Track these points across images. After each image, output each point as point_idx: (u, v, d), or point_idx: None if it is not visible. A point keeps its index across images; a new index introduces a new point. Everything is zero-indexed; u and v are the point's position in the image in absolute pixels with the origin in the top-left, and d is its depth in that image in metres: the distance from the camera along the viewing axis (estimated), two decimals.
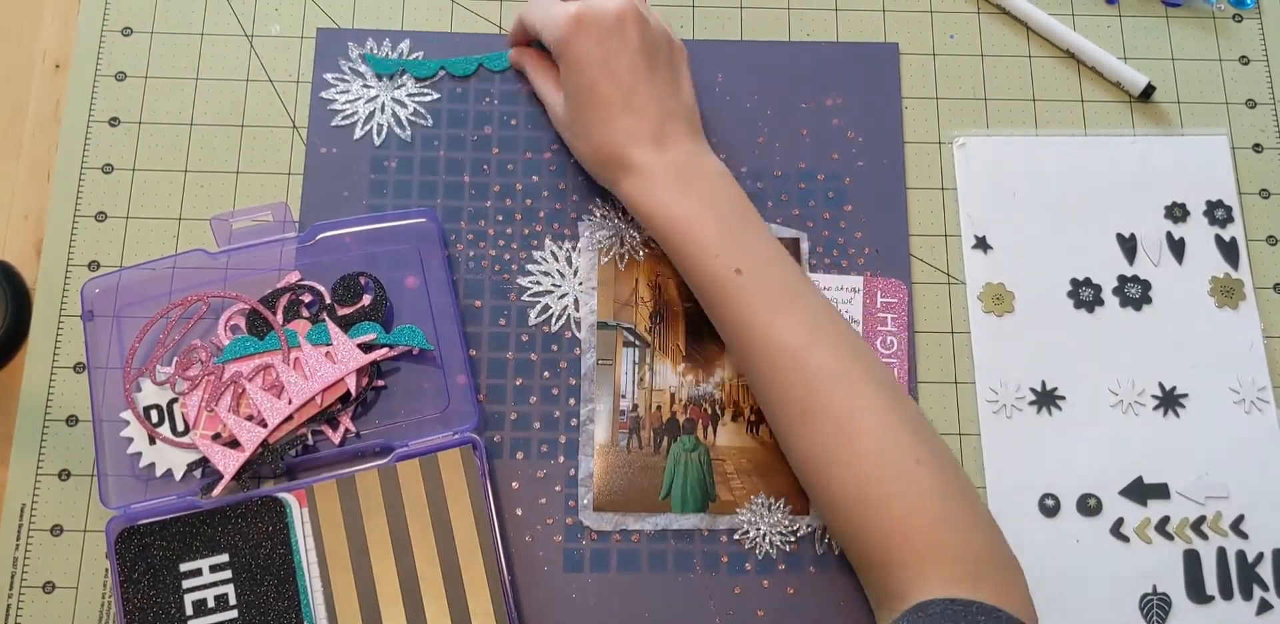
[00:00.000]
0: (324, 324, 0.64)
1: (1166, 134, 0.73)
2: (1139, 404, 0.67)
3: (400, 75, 0.71)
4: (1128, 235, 0.70)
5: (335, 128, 0.70)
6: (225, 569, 0.60)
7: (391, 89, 0.71)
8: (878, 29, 0.74)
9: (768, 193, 0.70)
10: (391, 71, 0.72)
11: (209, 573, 0.60)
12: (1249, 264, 0.70)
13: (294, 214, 0.68)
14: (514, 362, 0.67)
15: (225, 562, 0.60)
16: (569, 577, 0.63)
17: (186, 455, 0.63)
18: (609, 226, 0.69)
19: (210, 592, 0.60)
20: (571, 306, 0.68)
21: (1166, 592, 0.64)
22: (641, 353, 0.67)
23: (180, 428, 0.63)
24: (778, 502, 0.64)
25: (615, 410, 0.66)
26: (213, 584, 0.60)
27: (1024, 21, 0.74)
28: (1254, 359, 0.68)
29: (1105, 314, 0.69)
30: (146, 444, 0.63)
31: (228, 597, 0.60)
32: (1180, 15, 0.75)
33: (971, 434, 0.66)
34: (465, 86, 0.72)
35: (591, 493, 0.64)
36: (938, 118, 0.73)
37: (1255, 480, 0.66)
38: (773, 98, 0.72)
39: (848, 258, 0.69)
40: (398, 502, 0.62)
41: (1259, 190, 0.72)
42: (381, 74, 0.71)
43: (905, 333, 0.68)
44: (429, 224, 0.67)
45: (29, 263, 0.68)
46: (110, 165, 0.69)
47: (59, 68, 0.72)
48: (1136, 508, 0.65)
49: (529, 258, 0.69)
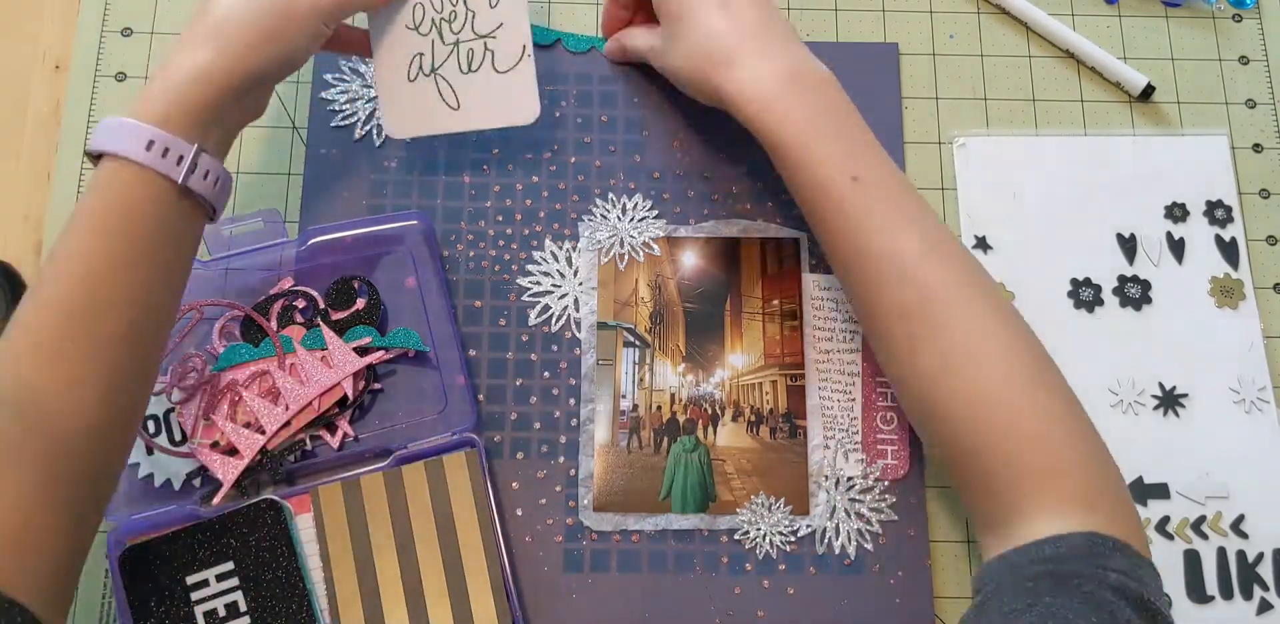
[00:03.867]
0: (319, 329, 0.64)
1: (1166, 134, 0.72)
2: (1139, 404, 0.67)
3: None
4: (1128, 235, 0.70)
5: (335, 128, 0.70)
6: (232, 577, 0.60)
7: None
8: (878, 29, 0.74)
9: (768, 193, 0.70)
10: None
11: (216, 582, 0.60)
12: (1249, 264, 0.70)
13: (294, 214, 0.68)
14: (514, 362, 0.67)
15: (231, 570, 0.60)
16: (569, 577, 0.63)
17: (185, 465, 0.63)
18: (609, 227, 0.69)
19: (220, 601, 0.60)
20: (571, 307, 0.68)
21: (1167, 592, 0.63)
22: (641, 353, 0.67)
23: (178, 437, 0.63)
24: (778, 502, 0.64)
25: (615, 411, 0.66)
26: (222, 593, 0.60)
27: (1024, 21, 0.74)
28: (1254, 359, 0.68)
29: (1105, 314, 0.69)
30: (144, 455, 0.63)
31: (238, 604, 0.60)
32: (1180, 15, 0.75)
33: None
34: None
35: (592, 493, 0.64)
36: (938, 118, 0.73)
37: (1255, 480, 0.66)
38: None
39: None
40: (402, 504, 0.62)
41: (1259, 190, 0.72)
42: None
43: None
44: (421, 225, 0.67)
45: (29, 263, 0.68)
46: None
47: (59, 68, 0.72)
48: (1137, 508, 0.65)
49: (529, 258, 0.69)
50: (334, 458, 0.64)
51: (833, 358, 0.67)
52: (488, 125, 0.66)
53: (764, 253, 0.69)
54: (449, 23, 0.65)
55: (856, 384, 0.67)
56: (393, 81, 0.65)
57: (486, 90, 0.65)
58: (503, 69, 0.65)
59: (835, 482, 0.65)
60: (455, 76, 0.65)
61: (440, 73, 0.65)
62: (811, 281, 0.68)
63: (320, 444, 0.64)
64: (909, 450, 0.66)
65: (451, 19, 0.65)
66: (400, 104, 0.65)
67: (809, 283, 0.68)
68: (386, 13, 0.64)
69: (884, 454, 0.65)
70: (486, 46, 0.65)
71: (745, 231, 0.69)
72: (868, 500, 0.65)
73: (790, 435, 0.66)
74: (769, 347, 0.67)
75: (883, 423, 0.66)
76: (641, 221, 0.69)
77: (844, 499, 0.65)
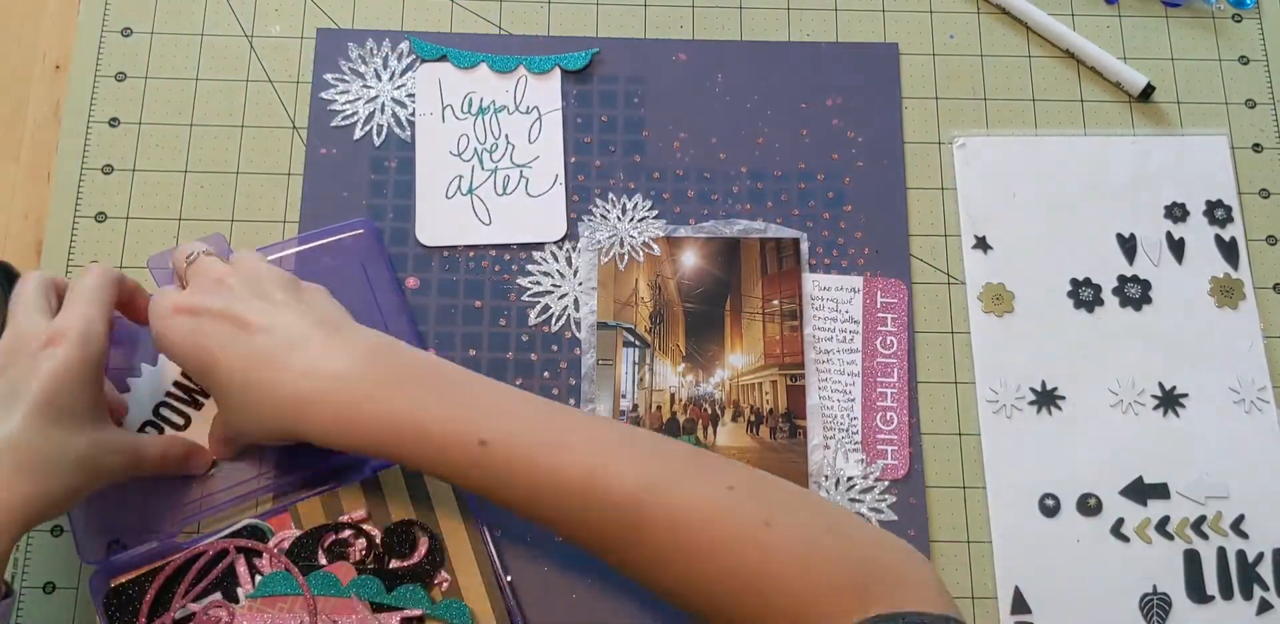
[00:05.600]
0: (375, 580, 0.59)
1: (1166, 134, 0.73)
2: (1139, 404, 0.67)
3: (408, 72, 0.72)
4: (1127, 235, 0.70)
5: (335, 128, 0.70)
6: (221, 609, 0.58)
7: (391, 89, 0.71)
8: (878, 29, 0.74)
9: (767, 193, 0.70)
10: (434, 57, 0.72)
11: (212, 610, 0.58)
12: (1249, 264, 0.70)
13: (295, 214, 0.68)
14: (514, 362, 0.67)
15: (220, 600, 0.59)
16: (570, 578, 0.63)
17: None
18: (609, 227, 0.69)
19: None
20: (571, 307, 0.68)
21: (1167, 592, 0.64)
22: (641, 353, 0.67)
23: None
24: None
25: (616, 411, 0.66)
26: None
27: (1024, 21, 0.74)
28: (1254, 359, 0.68)
29: (1105, 314, 0.69)
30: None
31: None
32: (1180, 15, 0.75)
33: (971, 434, 0.66)
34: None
35: None
36: (937, 118, 0.73)
37: (1255, 480, 0.66)
38: (772, 98, 0.72)
39: (847, 258, 0.69)
40: (384, 512, 0.61)
41: (1259, 190, 0.72)
42: (426, 58, 0.72)
43: (905, 333, 0.68)
44: (366, 235, 0.67)
45: (29, 263, 0.68)
46: (110, 166, 0.69)
47: (59, 68, 0.72)
48: (1137, 508, 0.65)
49: (529, 258, 0.69)
50: (310, 475, 0.63)
51: (833, 358, 0.67)
52: (515, 240, 0.69)
53: (764, 253, 0.69)
54: (490, 152, 0.70)
55: (856, 384, 0.67)
56: (432, 198, 0.69)
57: (519, 211, 0.69)
58: (535, 194, 0.69)
59: (835, 481, 0.65)
60: (490, 197, 0.69)
61: (476, 193, 0.69)
62: (811, 281, 0.69)
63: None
64: (909, 450, 0.66)
65: (492, 149, 0.70)
66: (436, 217, 0.68)
67: (809, 283, 0.68)
68: (433, 141, 0.70)
69: (884, 454, 0.65)
70: (522, 174, 0.69)
71: (745, 232, 0.69)
72: (868, 500, 0.65)
73: (790, 435, 0.66)
74: (769, 346, 0.67)
75: (883, 423, 0.66)
76: (641, 221, 0.69)
77: (844, 499, 0.65)
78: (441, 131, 0.70)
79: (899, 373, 0.67)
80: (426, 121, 0.70)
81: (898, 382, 0.67)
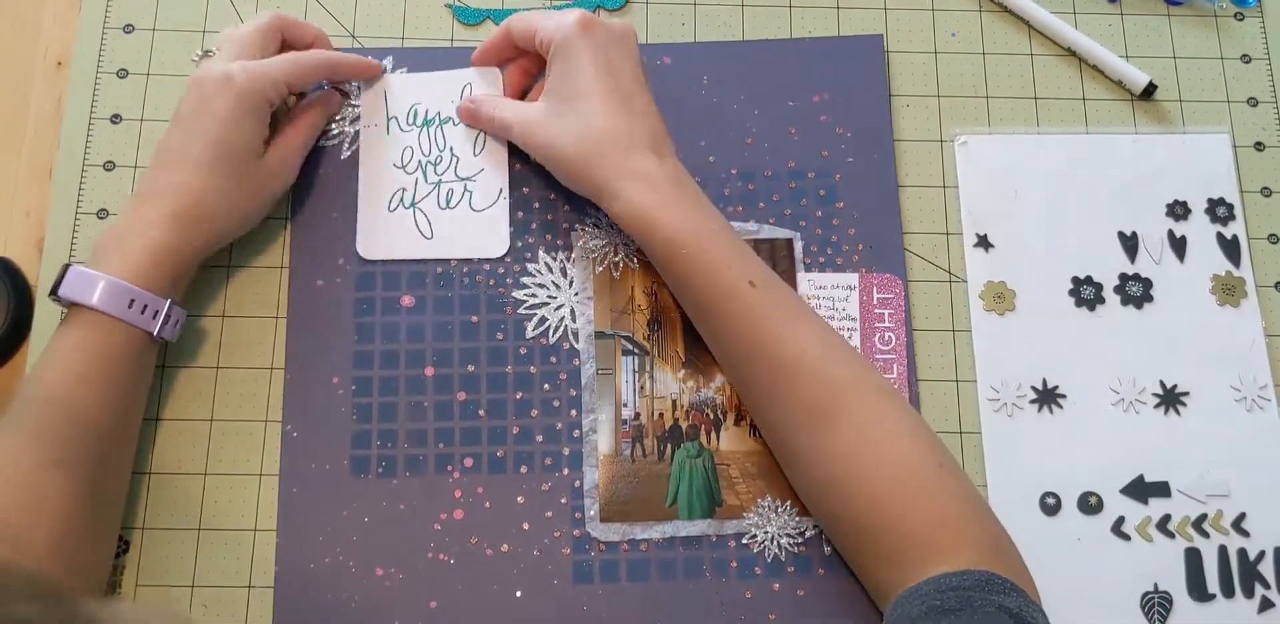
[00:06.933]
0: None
1: (1168, 132, 0.73)
2: (1140, 402, 0.67)
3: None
4: (1129, 233, 0.70)
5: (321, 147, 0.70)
6: None
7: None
8: (879, 27, 0.74)
9: (759, 194, 0.70)
10: (477, 21, 0.72)
11: None
12: (1250, 262, 0.70)
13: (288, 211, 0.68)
14: (514, 376, 0.66)
15: None
16: (579, 589, 0.63)
17: None
18: (602, 236, 0.69)
19: None
20: (568, 317, 0.67)
21: (1168, 590, 0.64)
22: (641, 361, 0.67)
23: None
24: (784, 504, 0.64)
25: (617, 420, 0.66)
26: None
27: (1025, 19, 0.74)
28: (1255, 357, 0.68)
29: (1106, 312, 0.69)
30: None
31: None
32: (1182, 13, 0.75)
33: (972, 432, 0.67)
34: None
35: (598, 504, 0.64)
36: (939, 116, 0.73)
37: (1256, 478, 0.66)
38: (759, 97, 0.72)
39: (842, 255, 0.69)
40: None
41: (1260, 188, 0.72)
42: (466, 23, 0.72)
43: (903, 328, 0.68)
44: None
45: (31, 260, 0.68)
46: (112, 162, 0.69)
47: (61, 65, 0.71)
48: (1138, 506, 0.65)
49: (523, 270, 0.68)
50: None
51: None
52: (456, 255, 0.68)
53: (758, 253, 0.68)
54: (434, 165, 0.69)
55: None
56: (373, 210, 0.68)
57: (461, 225, 0.68)
58: (479, 208, 0.68)
59: None
60: (433, 211, 0.69)
61: (419, 207, 0.68)
62: (807, 281, 0.68)
63: None
64: None
65: (437, 162, 0.69)
66: (376, 231, 0.68)
67: (805, 282, 0.68)
68: (376, 152, 0.69)
69: None
70: (466, 187, 0.69)
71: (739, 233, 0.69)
72: None
73: None
74: None
75: None
76: None
77: None
78: (387, 143, 0.69)
79: (898, 369, 0.67)
80: (371, 133, 0.70)
81: (897, 378, 0.67)
